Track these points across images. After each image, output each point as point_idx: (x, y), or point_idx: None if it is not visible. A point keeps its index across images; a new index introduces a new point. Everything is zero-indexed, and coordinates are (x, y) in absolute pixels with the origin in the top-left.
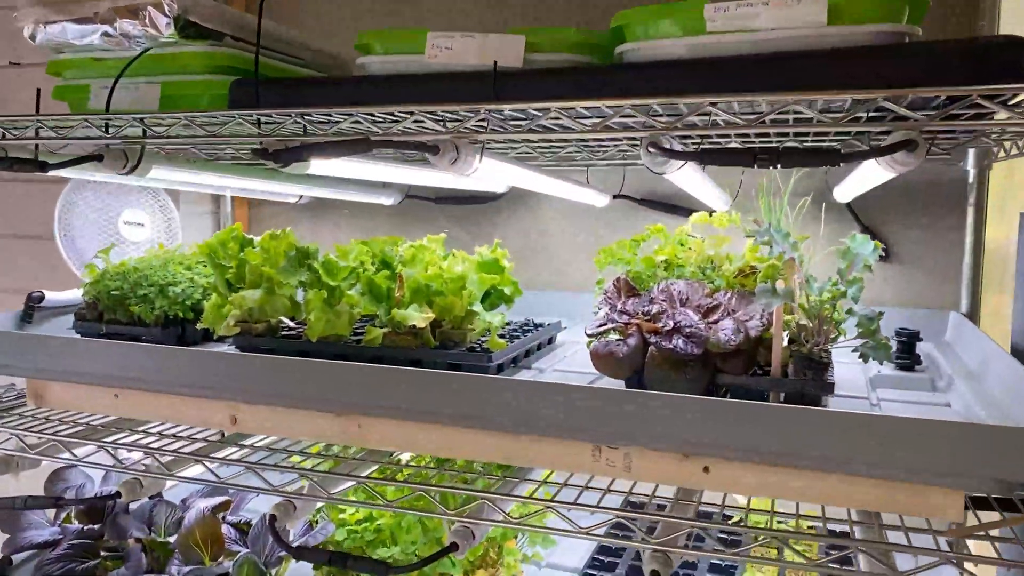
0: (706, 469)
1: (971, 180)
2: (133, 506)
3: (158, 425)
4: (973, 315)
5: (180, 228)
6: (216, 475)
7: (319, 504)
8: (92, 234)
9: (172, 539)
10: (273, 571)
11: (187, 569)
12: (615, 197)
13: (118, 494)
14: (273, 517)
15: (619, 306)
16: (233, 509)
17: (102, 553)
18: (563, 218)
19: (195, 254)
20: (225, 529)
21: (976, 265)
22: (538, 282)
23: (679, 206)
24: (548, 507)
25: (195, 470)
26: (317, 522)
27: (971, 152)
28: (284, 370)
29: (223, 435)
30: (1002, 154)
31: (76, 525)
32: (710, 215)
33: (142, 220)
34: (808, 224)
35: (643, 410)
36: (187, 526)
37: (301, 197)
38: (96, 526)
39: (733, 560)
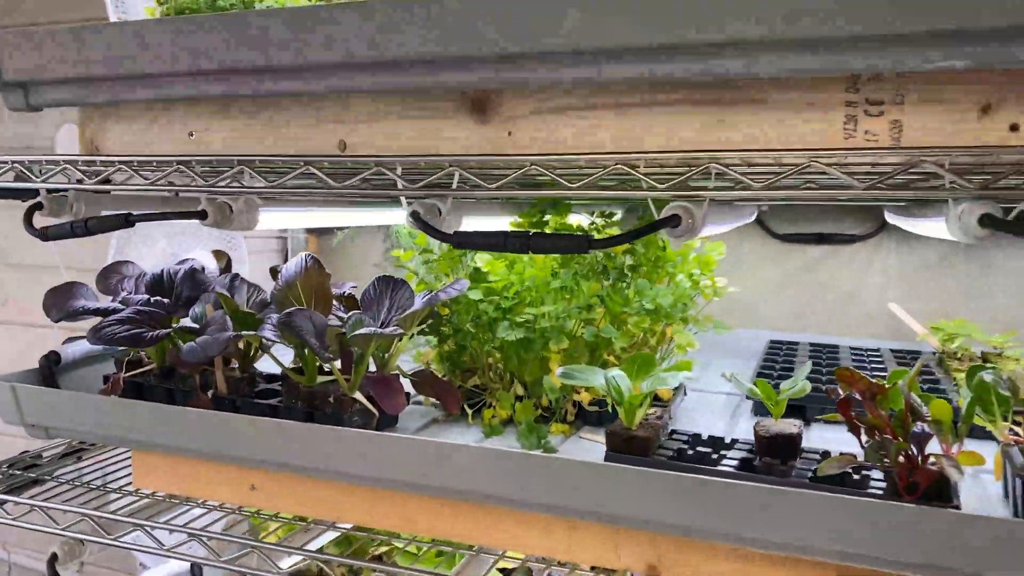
0: (1014, 127)
1: None
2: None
3: None
4: None
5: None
6: None
7: None
8: None
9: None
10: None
11: (290, 309)
12: None
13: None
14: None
15: None
16: (336, 285)
17: (174, 325)
18: None
19: None
20: None
21: None
22: None
23: None
24: None
25: None
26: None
27: None
28: None
29: None
30: None
31: (142, 295)
32: None
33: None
34: None
35: None
36: (286, 279)
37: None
38: (165, 300)
39: None
